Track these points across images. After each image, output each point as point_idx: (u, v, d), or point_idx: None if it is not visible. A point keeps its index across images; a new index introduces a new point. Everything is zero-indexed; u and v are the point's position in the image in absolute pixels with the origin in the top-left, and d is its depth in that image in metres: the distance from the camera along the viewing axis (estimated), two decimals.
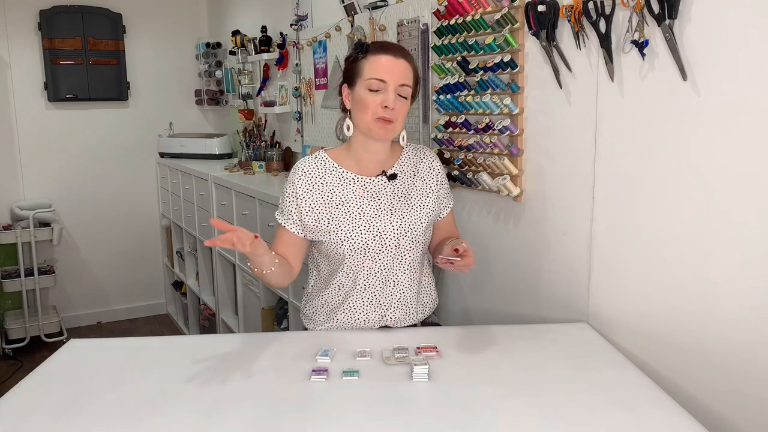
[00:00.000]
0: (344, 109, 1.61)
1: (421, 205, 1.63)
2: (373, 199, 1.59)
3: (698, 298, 1.32)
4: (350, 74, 1.56)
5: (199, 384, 1.27)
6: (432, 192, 1.65)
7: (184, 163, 4.02)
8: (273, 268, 1.52)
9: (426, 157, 1.69)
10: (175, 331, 4.44)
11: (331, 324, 1.64)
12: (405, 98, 1.54)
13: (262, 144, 3.67)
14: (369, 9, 2.43)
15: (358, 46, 1.56)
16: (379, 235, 1.57)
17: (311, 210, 1.58)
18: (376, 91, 1.51)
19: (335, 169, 1.61)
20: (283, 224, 1.63)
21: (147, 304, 4.74)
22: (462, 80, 1.86)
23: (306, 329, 1.71)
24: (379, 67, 1.51)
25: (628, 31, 1.39)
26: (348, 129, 1.59)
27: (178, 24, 4.59)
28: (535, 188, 1.73)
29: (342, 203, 1.58)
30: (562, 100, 1.60)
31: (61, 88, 4.22)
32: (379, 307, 1.61)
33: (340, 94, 1.60)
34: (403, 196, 1.61)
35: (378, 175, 1.61)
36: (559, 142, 1.63)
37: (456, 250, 1.44)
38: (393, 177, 1.61)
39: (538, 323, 1.71)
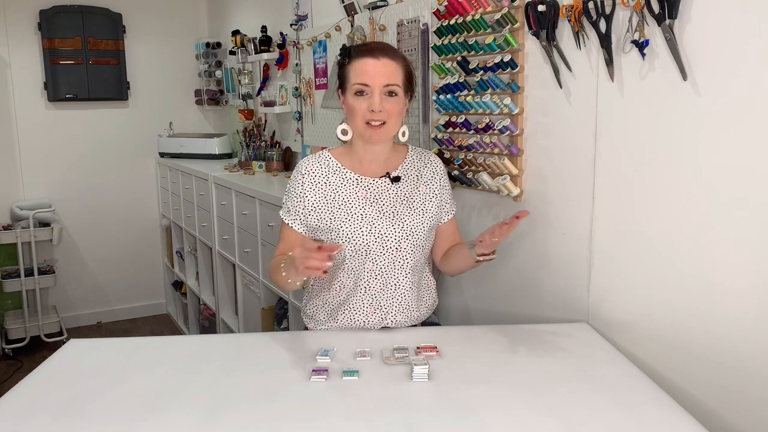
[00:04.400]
0: None
1: (424, 209, 1.62)
2: (375, 201, 1.59)
3: (698, 298, 1.32)
4: (340, 80, 1.57)
5: (199, 384, 1.27)
6: (435, 196, 1.65)
7: (184, 163, 4.02)
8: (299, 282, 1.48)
9: (430, 162, 1.68)
10: (175, 331, 4.44)
11: (332, 324, 1.64)
12: (395, 96, 1.52)
13: (262, 144, 3.67)
14: (369, 9, 2.43)
15: (342, 52, 1.56)
16: (380, 237, 1.57)
17: (314, 209, 1.58)
18: (363, 95, 1.51)
19: (339, 170, 1.61)
20: (290, 223, 1.62)
21: (147, 304, 4.74)
22: (462, 80, 1.86)
23: (307, 328, 1.72)
24: (361, 71, 1.51)
25: (628, 31, 1.39)
26: (345, 134, 1.59)
27: (178, 24, 4.59)
28: (535, 188, 1.73)
29: (345, 204, 1.58)
30: (562, 100, 1.60)
31: (61, 88, 4.22)
32: (379, 309, 1.61)
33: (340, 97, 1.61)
34: (406, 199, 1.61)
35: (381, 177, 1.61)
36: (559, 142, 1.63)
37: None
38: (396, 180, 1.61)
39: (538, 323, 1.71)
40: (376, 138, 1.54)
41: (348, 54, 1.54)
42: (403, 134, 1.62)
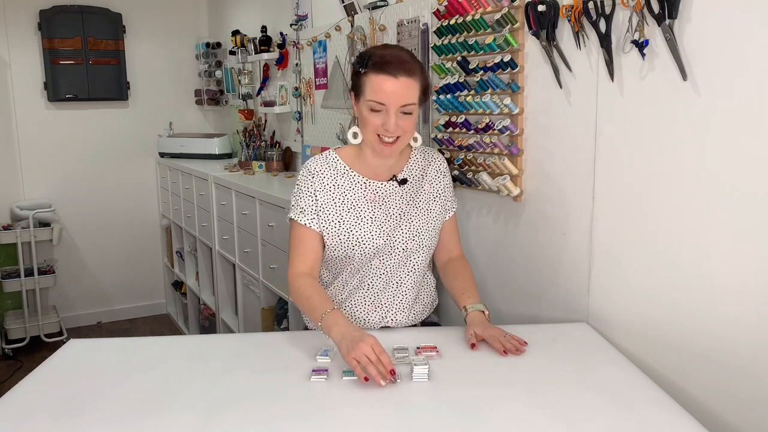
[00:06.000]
0: None
1: (428, 209, 1.62)
2: (384, 204, 1.59)
3: (698, 298, 1.32)
4: (354, 85, 1.52)
5: (199, 384, 1.27)
6: (439, 195, 1.65)
7: (184, 163, 4.02)
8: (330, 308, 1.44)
9: (434, 160, 1.68)
10: (175, 331, 4.44)
11: None
12: (410, 113, 1.48)
13: (262, 144, 3.67)
14: (369, 9, 2.43)
15: (359, 60, 1.50)
16: (389, 239, 1.57)
17: (323, 209, 1.57)
18: (378, 111, 1.47)
19: (346, 172, 1.60)
20: (307, 224, 1.57)
21: (147, 304, 4.74)
22: (462, 80, 1.86)
23: (307, 328, 1.72)
24: (378, 90, 1.45)
25: (628, 31, 1.39)
26: (355, 137, 1.57)
27: (177, 24, 4.59)
28: (535, 188, 1.73)
29: (354, 207, 1.57)
30: (562, 100, 1.60)
31: (61, 88, 4.21)
32: (380, 307, 1.61)
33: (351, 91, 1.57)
34: (412, 200, 1.61)
35: (389, 180, 1.61)
36: (559, 142, 1.63)
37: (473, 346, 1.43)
38: (404, 182, 1.61)
39: (538, 323, 1.72)
40: (387, 153, 1.52)
41: (365, 64, 1.47)
42: (415, 140, 1.61)
